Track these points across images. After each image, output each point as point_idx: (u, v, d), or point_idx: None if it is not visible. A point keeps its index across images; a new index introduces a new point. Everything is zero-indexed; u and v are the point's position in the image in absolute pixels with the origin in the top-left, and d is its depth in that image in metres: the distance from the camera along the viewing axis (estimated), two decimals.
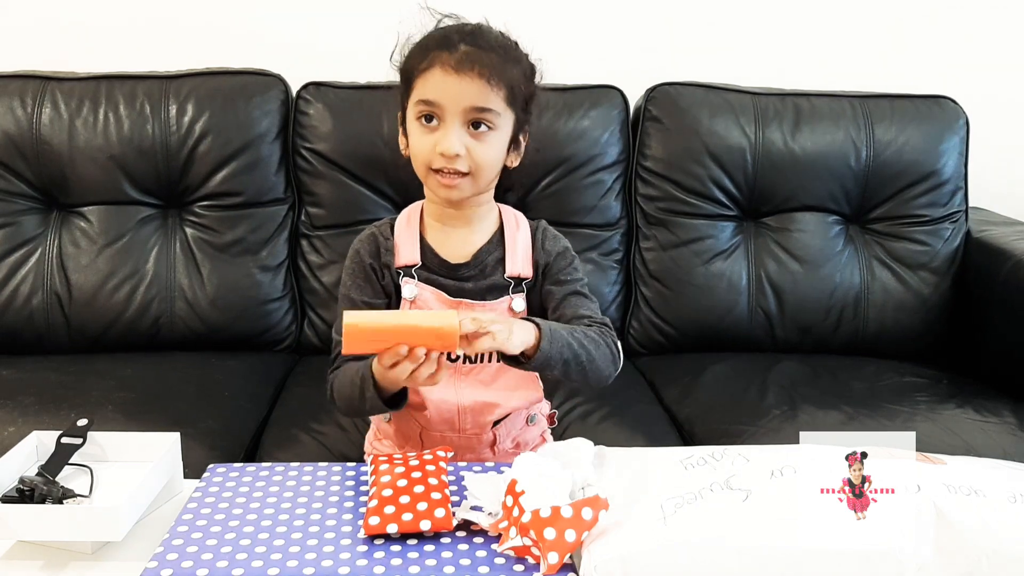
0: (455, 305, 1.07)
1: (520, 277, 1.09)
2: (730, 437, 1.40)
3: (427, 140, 1.01)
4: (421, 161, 1.03)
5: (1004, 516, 0.78)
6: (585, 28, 1.99)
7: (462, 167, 1.01)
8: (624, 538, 0.76)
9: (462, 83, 0.98)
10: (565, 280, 1.10)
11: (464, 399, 1.08)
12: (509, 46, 1.03)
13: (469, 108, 0.99)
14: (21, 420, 1.33)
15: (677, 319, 1.77)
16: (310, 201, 1.75)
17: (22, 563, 0.81)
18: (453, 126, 1.00)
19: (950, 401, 1.53)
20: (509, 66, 1.01)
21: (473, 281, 1.08)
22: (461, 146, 1.00)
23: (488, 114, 1.00)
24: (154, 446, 0.93)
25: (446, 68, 0.98)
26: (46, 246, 1.68)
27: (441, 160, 1.01)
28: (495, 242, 1.11)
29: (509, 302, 1.09)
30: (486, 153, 1.02)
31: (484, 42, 1.01)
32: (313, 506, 0.87)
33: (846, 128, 1.78)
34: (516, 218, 1.13)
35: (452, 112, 0.99)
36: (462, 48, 0.99)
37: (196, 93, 1.70)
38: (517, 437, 1.15)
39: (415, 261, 1.08)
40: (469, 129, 1.01)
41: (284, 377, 1.62)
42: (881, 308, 1.78)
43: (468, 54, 0.99)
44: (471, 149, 1.01)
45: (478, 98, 0.99)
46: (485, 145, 1.01)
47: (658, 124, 1.79)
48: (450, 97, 0.99)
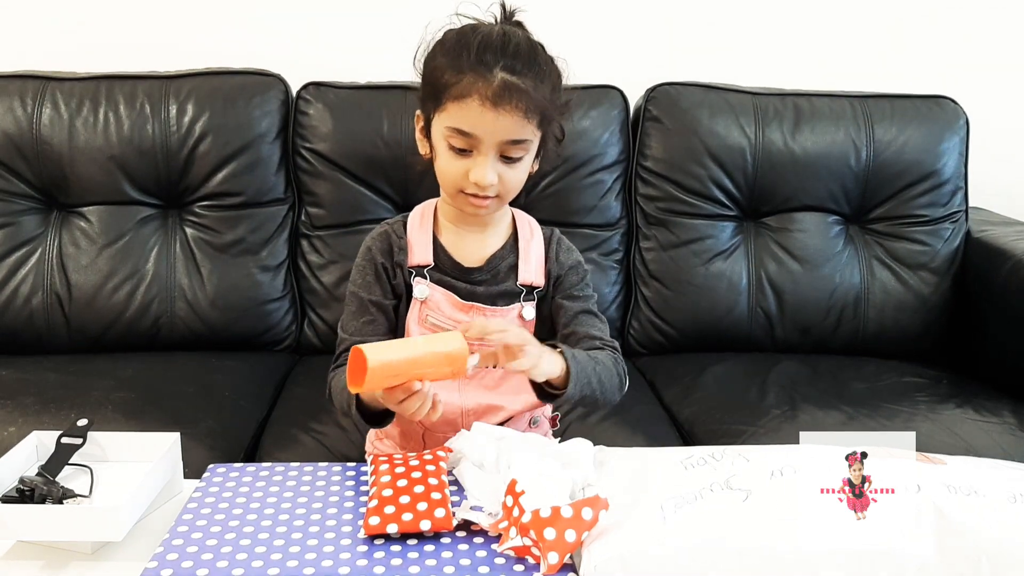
0: (466, 309, 1.07)
1: (532, 286, 1.09)
2: (730, 437, 1.40)
3: (459, 165, 1.00)
4: (451, 183, 1.02)
5: (1004, 516, 0.78)
6: (585, 28, 1.99)
7: (492, 192, 1.01)
8: (624, 538, 0.76)
9: (499, 118, 0.96)
10: (578, 296, 1.11)
11: (468, 402, 1.08)
12: (540, 62, 1.00)
13: (505, 142, 0.98)
14: (21, 420, 1.33)
15: (677, 319, 1.77)
16: (310, 201, 1.75)
17: (22, 563, 0.81)
18: (488, 157, 0.98)
19: (950, 401, 1.53)
20: (542, 89, 0.99)
21: (485, 286, 1.08)
22: (495, 176, 0.99)
23: (523, 144, 1.00)
24: (154, 446, 0.93)
25: (484, 101, 0.95)
26: (46, 246, 1.68)
27: (473, 187, 1.00)
28: (509, 247, 1.10)
29: (520, 309, 1.08)
30: (516, 177, 1.02)
31: (520, 64, 0.97)
32: (313, 506, 0.87)
33: (846, 128, 1.78)
34: (530, 225, 1.13)
35: (488, 144, 0.98)
36: (500, 76, 0.95)
37: (196, 93, 1.70)
38: None
39: (428, 262, 1.08)
40: (502, 160, 1.00)
41: (284, 377, 1.62)
42: (881, 308, 1.78)
43: (506, 84, 0.95)
44: (503, 176, 1.00)
45: (514, 132, 0.98)
46: (516, 171, 1.01)
47: (658, 124, 1.79)
48: (487, 131, 0.97)
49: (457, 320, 1.07)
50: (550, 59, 1.02)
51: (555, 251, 1.12)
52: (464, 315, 1.07)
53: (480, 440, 0.91)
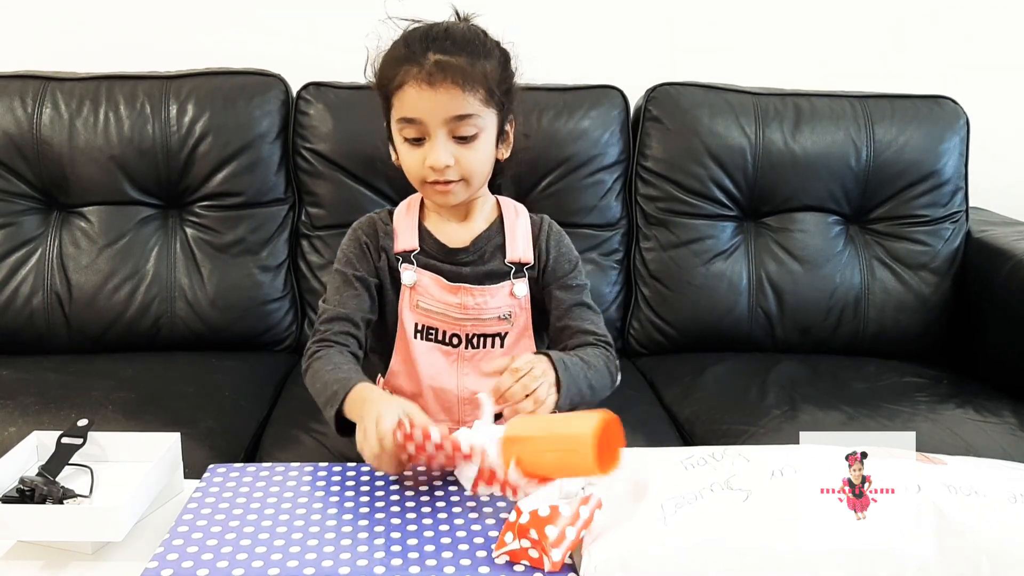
0: (455, 291, 1.07)
1: (521, 262, 1.10)
2: (730, 437, 1.40)
3: (416, 156, 1.03)
4: (414, 176, 1.05)
5: (1004, 516, 0.78)
6: (585, 28, 1.99)
7: (453, 176, 1.02)
8: (624, 538, 0.77)
9: (437, 95, 0.98)
10: (571, 286, 1.11)
11: (463, 389, 1.09)
12: (476, 42, 1.02)
13: (450, 118, 1.00)
14: (21, 420, 1.33)
15: (677, 319, 1.77)
16: (310, 201, 1.75)
17: (22, 563, 0.81)
18: (438, 139, 1.00)
19: (950, 401, 1.53)
20: (480, 64, 1.00)
21: (471, 266, 1.09)
22: (449, 157, 1.01)
23: (470, 119, 1.01)
24: (154, 446, 0.93)
25: (420, 83, 0.98)
26: (46, 246, 1.68)
27: (433, 174, 1.02)
28: (495, 229, 1.12)
29: (511, 287, 1.09)
30: (474, 158, 1.03)
31: (451, 46, 0.99)
32: (313, 506, 0.87)
33: (846, 128, 1.78)
34: (515, 207, 1.15)
35: (434, 125, 1.00)
36: (431, 58, 0.98)
37: (196, 93, 1.70)
38: None
39: (414, 247, 1.09)
40: (455, 140, 1.01)
41: (284, 377, 1.62)
42: (881, 308, 1.78)
43: (438, 63, 0.98)
44: (460, 158, 1.01)
45: (456, 107, 0.99)
46: (472, 151, 1.02)
47: (658, 124, 1.79)
48: (428, 111, 0.99)
49: (447, 303, 1.07)
50: (494, 42, 1.04)
51: (545, 234, 1.13)
52: (453, 296, 1.08)
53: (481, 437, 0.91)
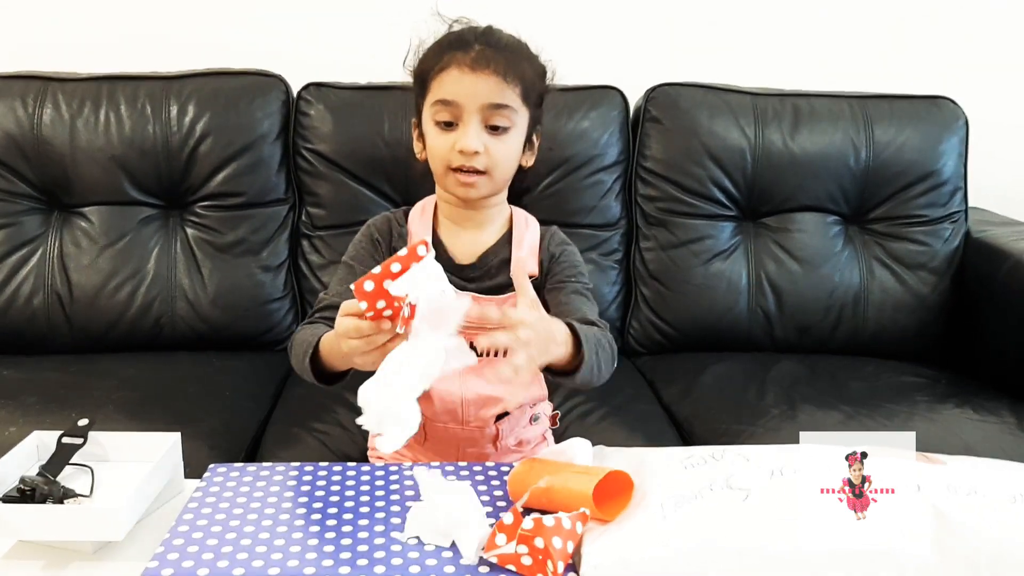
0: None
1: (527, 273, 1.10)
2: (730, 437, 1.40)
3: (446, 139, 1.03)
4: (440, 160, 1.04)
5: (1004, 516, 0.78)
6: (585, 28, 1.99)
7: (480, 165, 1.02)
8: (624, 538, 0.77)
9: (478, 80, 1.00)
10: (571, 276, 1.11)
11: (468, 392, 1.09)
12: (521, 45, 1.06)
13: (486, 105, 1.01)
14: (22, 420, 1.33)
15: (677, 319, 1.77)
16: (311, 201, 1.76)
17: (23, 563, 0.81)
18: (472, 124, 1.01)
19: (949, 401, 1.53)
20: (523, 63, 1.03)
21: (477, 282, 1.09)
22: (480, 143, 1.01)
23: (505, 110, 1.02)
24: (155, 446, 0.93)
25: (462, 67, 1.00)
26: (47, 246, 1.68)
27: (460, 158, 1.02)
28: (502, 243, 1.11)
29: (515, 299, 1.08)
30: (504, 151, 1.03)
31: (497, 41, 1.03)
32: (313, 506, 0.87)
33: (845, 128, 1.78)
34: (527, 219, 1.14)
35: (470, 110, 1.01)
36: (477, 47, 1.01)
37: (197, 94, 1.70)
38: (519, 435, 1.15)
39: None
40: (487, 129, 1.02)
41: (285, 377, 1.62)
42: (880, 308, 1.78)
43: (483, 52, 1.00)
44: (489, 147, 1.02)
45: (495, 94, 1.00)
46: (502, 143, 1.03)
47: (658, 125, 1.79)
48: (467, 95, 1.00)
49: None
50: (529, 49, 1.07)
51: (548, 242, 1.13)
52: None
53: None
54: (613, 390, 1.55)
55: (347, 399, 1.44)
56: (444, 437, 1.11)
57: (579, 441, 0.91)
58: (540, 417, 1.17)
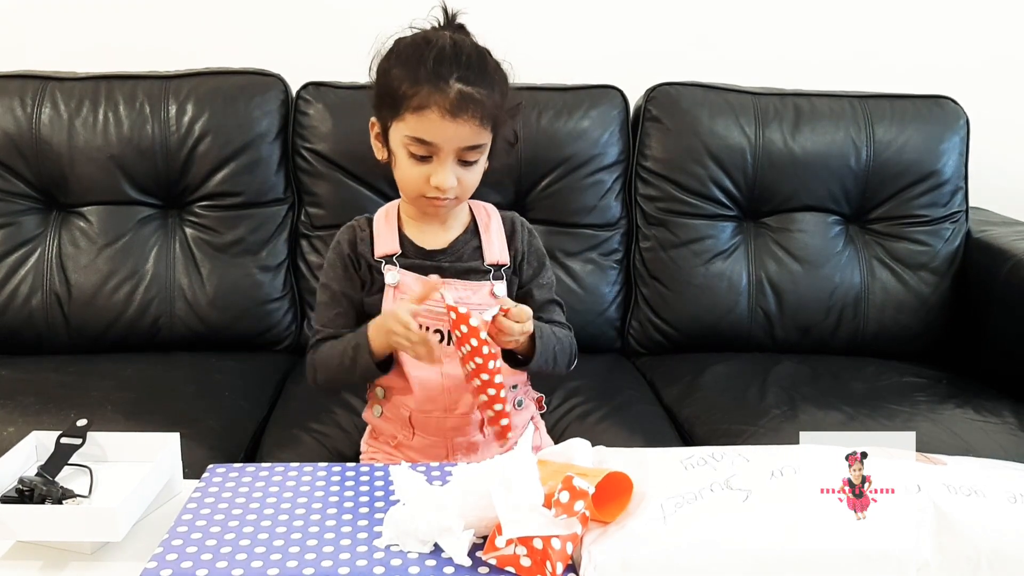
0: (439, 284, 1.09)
1: (499, 264, 1.15)
2: (730, 437, 1.40)
3: (419, 171, 1.07)
4: (412, 187, 1.09)
5: (1004, 516, 0.78)
6: (585, 28, 1.99)
7: (452, 195, 1.08)
8: (624, 538, 0.76)
9: (459, 128, 1.03)
10: (543, 285, 1.19)
11: (447, 378, 1.11)
12: (490, 70, 1.07)
13: (463, 148, 1.05)
14: (21, 420, 1.33)
15: (677, 319, 1.77)
16: (310, 201, 1.75)
17: (22, 563, 0.81)
18: (447, 163, 1.06)
19: (950, 401, 1.53)
20: (493, 96, 1.05)
21: (451, 263, 1.14)
22: (455, 180, 1.06)
23: (479, 148, 1.07)
24: (154, 446, 0.93)
25: (443, 113, 1.02)
26: (46, 246, 1.68)
27: (434, 191, 1.06)
28: (470, 233, 1.16)
29: (491, 287, 1.14)
30: (473, 179, 1.10)
31: (473, 75, 1.04)
32: (313, 506, 0.87)
33: (846, 128, 1.78)
34: (486, 210, 1.19)
35: (447, 151, 1.05)
36: (456, 88, 1.02)
37: (196, 93, 1.70)
38: None
39: (395, 250, 1.14)
40: (459, 163, 1.06)
41: (284, 377, 1.62)
42: (881, 308, 1.78)
43: (462, 95, 1.02)
44: (461, 179, 1.07)
45: (472, 139, 1.05)
46: (472, 173, 1.09)
47: (658, 124, 1.79)
48: (446, 140, 1.04)
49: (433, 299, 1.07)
50: (497, 64, 1.09)
51: (519, 231, 1.18)
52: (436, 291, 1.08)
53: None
54: (613, 390, 1.55)
55: (346, 400, 1.44)
56: (431, 426, 1.14)
57: (579, 441, 0.91)
58: (524, 402, 1.20)
